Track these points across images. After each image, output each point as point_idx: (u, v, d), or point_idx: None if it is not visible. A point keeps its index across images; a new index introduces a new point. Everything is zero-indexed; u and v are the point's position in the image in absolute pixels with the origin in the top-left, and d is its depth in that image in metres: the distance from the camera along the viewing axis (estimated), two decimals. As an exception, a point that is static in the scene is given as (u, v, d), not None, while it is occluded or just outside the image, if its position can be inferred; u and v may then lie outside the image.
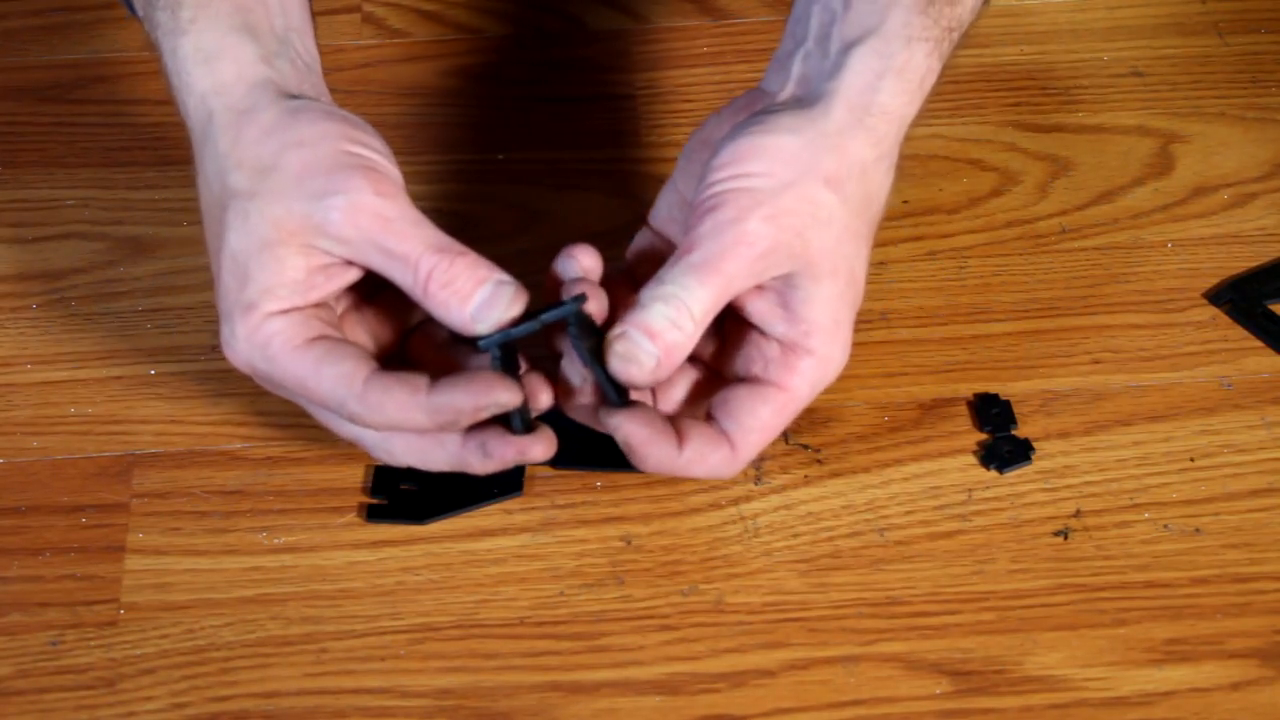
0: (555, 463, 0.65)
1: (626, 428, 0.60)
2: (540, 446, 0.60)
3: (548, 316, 0.60)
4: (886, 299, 0.75)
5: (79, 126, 0.82)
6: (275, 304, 0.60)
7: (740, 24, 0.87)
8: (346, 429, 0.62)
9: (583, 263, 0.62)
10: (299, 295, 0.60)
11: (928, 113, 0.65)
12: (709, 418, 0.63)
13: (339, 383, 0.59)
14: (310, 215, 0.59)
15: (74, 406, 0.71)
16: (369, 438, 0.62)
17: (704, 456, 0.61)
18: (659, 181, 0.80)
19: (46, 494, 0.68)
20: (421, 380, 0.59)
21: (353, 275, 0.61)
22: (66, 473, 0.69)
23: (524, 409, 0.60)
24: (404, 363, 0.65)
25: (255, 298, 0.60)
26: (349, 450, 0.68)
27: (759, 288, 0.62)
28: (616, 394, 0.60)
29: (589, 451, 0.66)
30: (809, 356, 0.62)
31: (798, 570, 0.66)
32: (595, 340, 0.60)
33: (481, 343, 0.59)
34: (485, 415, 0.59)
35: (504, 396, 0.58)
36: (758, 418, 0.62)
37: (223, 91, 0.61)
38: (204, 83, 0.61)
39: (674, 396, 0.65)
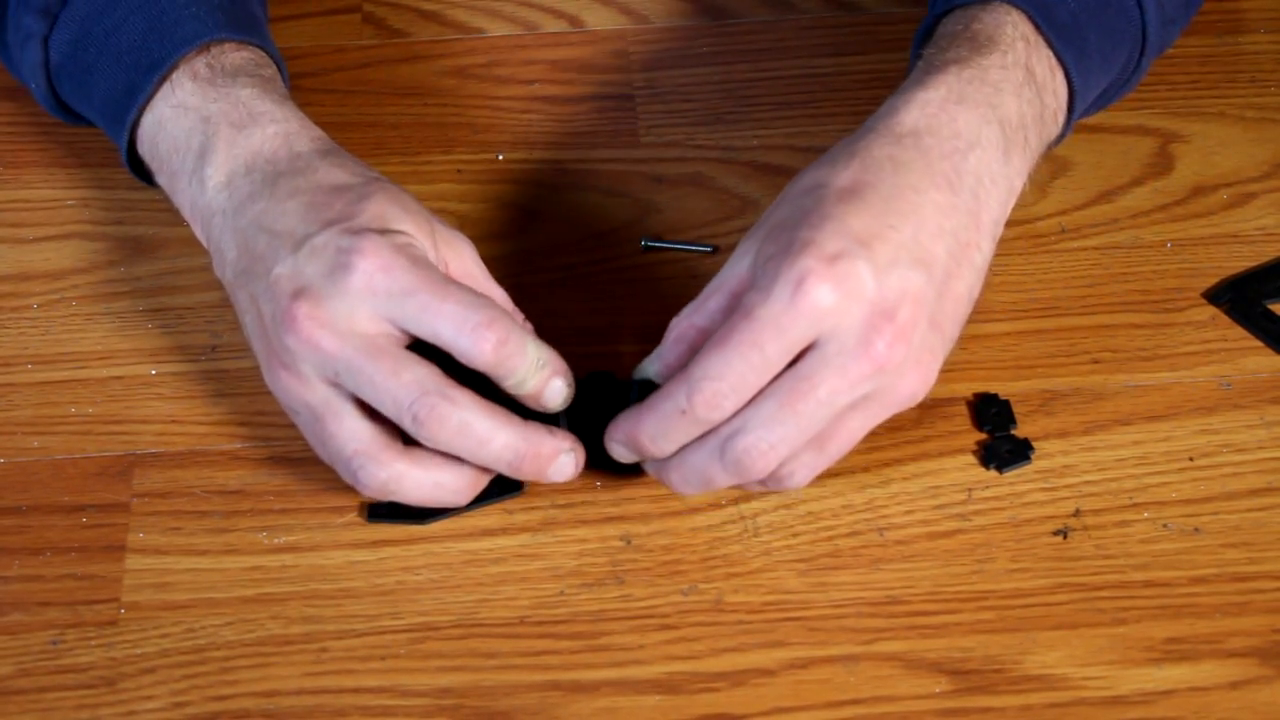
0: None
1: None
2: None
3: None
4: (886, 299, 0.75)
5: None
6: (414, 240, 0.63)
7: (740, 24, 0.87)
8: (346, 429, 0.62)
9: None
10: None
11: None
12: None
13: (473, 299, 0.61)
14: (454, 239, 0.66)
15: (74, 406, 0.71)
16: (367, 447, 0.62)
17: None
18: (659, 181, 0.79)
19: (47, 494, 0.68)
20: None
21: None
22: (67, 472, 0.69)
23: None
24: None
25: (401, 226, 0.63)
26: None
27: None
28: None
29: (593, 455, 0.66)
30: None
31: (797, 570, 0.66)
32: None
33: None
34: (544, 469, 0.64)
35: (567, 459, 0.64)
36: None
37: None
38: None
39: None
